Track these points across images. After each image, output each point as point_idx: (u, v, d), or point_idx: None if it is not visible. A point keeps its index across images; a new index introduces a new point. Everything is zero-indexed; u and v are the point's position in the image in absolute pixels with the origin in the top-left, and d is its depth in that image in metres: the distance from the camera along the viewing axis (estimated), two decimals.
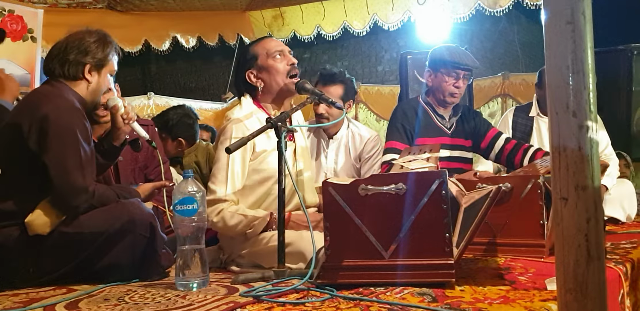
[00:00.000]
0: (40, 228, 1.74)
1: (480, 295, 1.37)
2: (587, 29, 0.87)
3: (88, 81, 1.93)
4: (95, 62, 1.93)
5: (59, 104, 1.80)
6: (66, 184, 1.76)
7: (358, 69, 9.76)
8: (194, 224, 1.61)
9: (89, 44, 1.92)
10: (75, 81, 1.92)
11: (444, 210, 1.45)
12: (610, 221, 2.90)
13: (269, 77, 2.06)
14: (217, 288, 1.60)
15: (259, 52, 2.08)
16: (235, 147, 1.70)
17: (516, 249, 1.91)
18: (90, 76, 1.93)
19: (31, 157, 1.77)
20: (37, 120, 1.76)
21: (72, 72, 1.91)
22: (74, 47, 1.91)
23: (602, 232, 0.88)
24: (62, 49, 1.92)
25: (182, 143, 3.38)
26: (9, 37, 4.05)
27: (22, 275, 1.75)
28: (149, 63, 11.51)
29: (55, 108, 1.78)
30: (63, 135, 1.77)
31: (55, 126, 1.76)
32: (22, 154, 1.78)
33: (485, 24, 8.81)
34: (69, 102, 1.83)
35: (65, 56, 1.90)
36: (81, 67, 1.91)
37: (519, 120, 3.23)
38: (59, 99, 1.82)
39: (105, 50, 1.95)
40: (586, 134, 0.87)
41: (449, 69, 2.69)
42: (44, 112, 1.76)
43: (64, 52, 1.91)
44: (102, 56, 1.94)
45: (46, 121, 1.76)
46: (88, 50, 1.92)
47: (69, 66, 1.90)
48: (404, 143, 2.67)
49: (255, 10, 5.52)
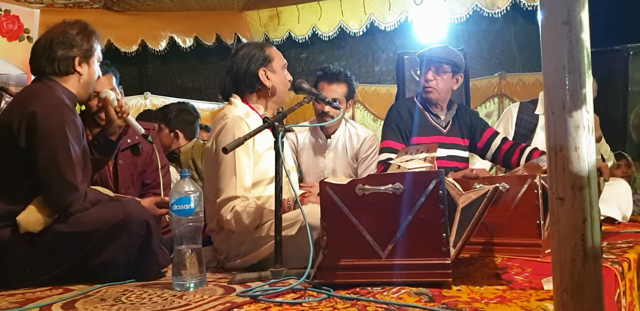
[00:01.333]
0: (32, 226, 1.73)
1: (477, 295, 1.37)
2: (583, 30, 0.87)
3: (80, 74, 1.93)
4: (83, 54, 1.93)
5: (47, 101, 1.79)
6: (56, 182, 1.75)
7: (355, 69, 9.76)
8: (191, 224, 1.61)
9: (73, 37, 1.91)
10: (66, 75, 1.91)
11: (441, 210, 1.45)
12: (606, 221, 2.91)
13: (277, 81, 2.12)
14: (214, 288, 1.59)
15: (275, 57, 2.13)
16: (232, 147, 1.69)
17: (513, 249, 1.92)
18: (80, 69, 1.93)
19: (22, 156, 1.76)
20: (26, 118, 1.75)
21: (63, 68, 1.90)
22: (59, 42, 1.90)
23: (598, 232, 0.88)
24: (47, 46, 1.90)
25: (178, 135, 3.39)
26: (5, 37, 4.04)
27: (17, 275, 1.75)
28: (146, 63, 11.49)
29: (43, 106, 1.77)
30: (52, 133, 1.75)
31: (43, 124, 1.75)
32: (13, 153, 1.77)
33: (482, 24, 8.81)
34: (57, 100, 1.81)
35: (53, 53, 1.89)
36: (71, 62, 1.91)
37: (524, 116, 3.21)
38: (48, 97, 1.81)
39: (90, 40, 1.95)
40: (582, 134, 0.87)
41: (422, 64, 2.75)
42: (32, 110, 1.75)
43: (50, 50, 1.89)
44: (88, 47, 1.94)
45: (34, 119, 1.74)
46: (74, 43, 1.91)
47: (59, 63, 1.89)
48: (399, 142, 2.68)
49: (252, 10, 5.51)
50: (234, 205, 1.89)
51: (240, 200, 1.90)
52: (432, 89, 2.71)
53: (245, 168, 1.93)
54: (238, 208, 1.88)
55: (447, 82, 2.73)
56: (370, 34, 6.34)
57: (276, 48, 2.19)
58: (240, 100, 2.11)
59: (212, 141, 2.02)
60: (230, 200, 1.89)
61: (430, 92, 2.72)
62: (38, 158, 1.74)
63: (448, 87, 2.75)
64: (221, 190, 1.92)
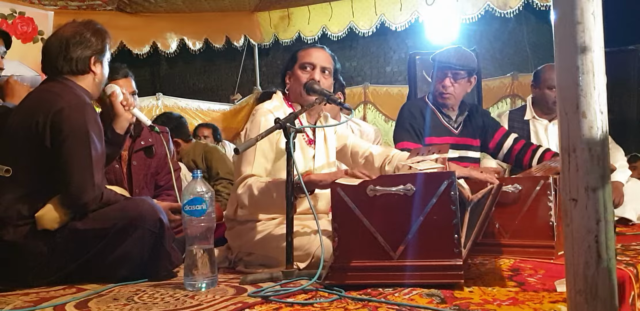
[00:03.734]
0: (49, 223, 1.76)
1: (489, 297, 1.36)
2: (596, 29, 0.87)
3: (94, 73, 1.98)
4: (97, 54, 1.98)
5: (71, 101, 1.83)
6: (76, 180, 1.78)
7: (366, 69, 9.76)
8: (203, 224, 1.62)
9: (89, 37, 1.96)
10: (82, 75, 1.96)
11: (452, 211, 1.44)
12: (620, 222, 2.88)
13: (294, 82, 2.12)
14: (225, 288, 1.60)
15: (298, 58, 2.14)
16: (243, 148, 1.71)
17: (525, 250, 1.90)
18: (95, 68, 1.98)
19: (44, 155, 1.80)
20: (51, 118, 1.79)
21: (80, 68, 1.94)
22: (77, 42, 1.94)
23: (612, 233, 0.87)
24: (64, 46, 1.93)
25: (179, 144, 3.60)
26: (19, 39, 4.09)
27: (34, 272, 1.77)
28: (158, 64, 11.58)
29: (69, 105, 1.81)
30: (76, 132, 1.79)
31: (69, 123, 1.79)
32: (36, 152, 1.80)
33: (494, 24, 8.78)
34: (81, 99, 1.86)
35: (70, 54, 1.93)
36: (87, 61, 1.95)
37: (515, 124, 3.16)
38: (71, 96, 1.85)
39: (103, 40, 2.00)
40: (596, 134, 0.86)
41: (438, 69, 2.73)
42: (57, 109, 1.79)
43: (67, 50, 1.93)
44: (101, 47, 1.99)
45: (60, 118, 1.78)
46: (89, 43, 1.96)
47: (77, 62, 1.94)
48: (415, 143, 2.67)
49: (264, 11, 5.53)
50: (248, 181, 1.93)
51: (255, 178, 1.93)
52: (450, 95, 2.72)
53: (265, 150, 1.97)
54: (250, 182, 1.91)
55: (463, 86, 2.74)
56: (381, 35, 6.34)
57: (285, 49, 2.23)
58: (282, 96, 2.16)
59: (243, 132, 2.10)
60: (246, 178, 1.94)
61: (447, 99, 2.73)
62: (60, 156, 1.78)
63: (463, 91, 2.76)
64: (239, 171, 1.97)
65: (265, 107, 2.07)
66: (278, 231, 1.92)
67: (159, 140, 2.55)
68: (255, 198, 1.88)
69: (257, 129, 1.97)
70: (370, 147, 2.25)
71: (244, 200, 1.92)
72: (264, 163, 1.97)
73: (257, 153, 1.95)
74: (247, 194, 1.90)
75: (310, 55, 2.11)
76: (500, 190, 1.71)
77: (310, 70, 2.08)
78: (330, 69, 2.11)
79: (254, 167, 1.95)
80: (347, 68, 9.37)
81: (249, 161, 1.96)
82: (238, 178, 1.97)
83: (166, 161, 2.56)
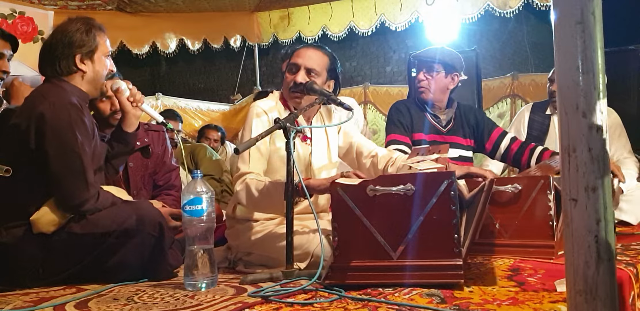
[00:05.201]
0: (45, 226, 1.75)
1: (489, 296, 1.36)
2: (597, 29, 0.87)
3: (83, 71, 1.91)
4: (84, 51, 1.90)
5: (53, 102, 1.78)
6: (67, 182, 1.76)
7: (367, 69, 9.76)
8: (203, 224, 1.62)
9: (72, 34, 1.88)
10: (70, 75, 1.90)
11: (452, 211, 1.44)
12: (620, 223, 2.87)
13: (283, 83, 2.13)
14: (225, 288, 1.60)
15: (290, 58, 2.14)
16: (243, 149, 1.71)
17: (525, 250, 1.90)
18: (84, 66, 1.90)
19: (33, 157, 1.77)
20: (34, 120, 1.75)
21: (64, 68, 1.88)
22: (58, 41, 1.88)
23: (612, 233, 0.87)
24: (48, 47, 1.90)
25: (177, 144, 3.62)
26: (19, 39, 4.08)
27: (31, 275, 1.77)
28: (158, 64, 11.56)
29: (50, 106, 1.76)
30: (61, 133, 1.75)
31: (51, 124, 1.75)
32: (25, 154, 1.78)
33: (494, 24, 8.78)
34: (64, 99, 1.80)
35: (53, 54, 1.88)
36: (71, 60, 1.88)
37: (536, 118, 3.19)
38: (55, 97, 1.80)
39: (90, 35, 1.91)
40: (596, 134, 0.86)
41: (416, 65, 2.83)
42: (39, 111, 1.75)
43: (50, 50, 1.89)
44: (88, 42, 1.90)
45: (42, 120, 1.75)
46: (72, 41, 1.88)
47: (59, 62, 1.88)
48: (403, 135, 2.71)
49: (264, 11, 5.53)
50: (246, 178, 1.93)
51: (253, 175, 1.94)
52: (424, 89, 2.76)
53: (261, 151, 1.99)
54: (248, 180, 1.92)
55: (440, 81, 2.75)
56: (381, 35, 6.33)
57: None
58: (278, 95, 2.16)
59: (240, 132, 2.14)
60: (244, 175, 1.95)
61: (422, 92, 2.77)
62: (48, 158, 1.75)
63: (442, 87, 2.77)
64: (239, 169, 1.98)
65: (259, 107, 2.06)
66: (277, 231, 1.92)
67: (154, 139, 2.54)
68: (254, 198, 1.88)
69: (249, 131, 2.00)
70: (376, 148, 2.25)
71: (241, 198, 1.92)
72: (260, 159, 1.99)
73: (252, 151, 1.96)
74: (244, 192, 1.91)
75: (298, 55, 2.08)
76: (493, 186, 1.71)
77: (296, 71, 2.05)
78: (318, 70, 2.04)
79: (250, 165, 1.96)
80: (347, 68, 9.37)
81: (245, 159, 1.97)
82: (235, 175, 1.99)
83: (164, 159, 2.55)
